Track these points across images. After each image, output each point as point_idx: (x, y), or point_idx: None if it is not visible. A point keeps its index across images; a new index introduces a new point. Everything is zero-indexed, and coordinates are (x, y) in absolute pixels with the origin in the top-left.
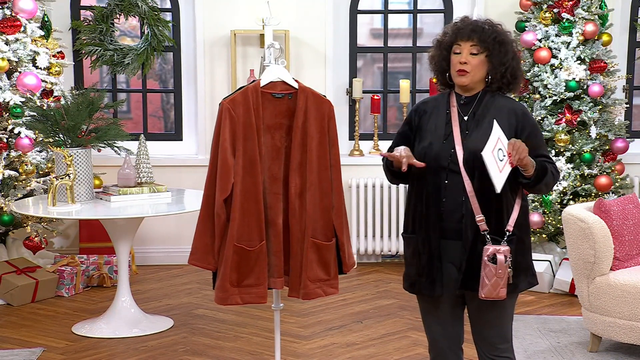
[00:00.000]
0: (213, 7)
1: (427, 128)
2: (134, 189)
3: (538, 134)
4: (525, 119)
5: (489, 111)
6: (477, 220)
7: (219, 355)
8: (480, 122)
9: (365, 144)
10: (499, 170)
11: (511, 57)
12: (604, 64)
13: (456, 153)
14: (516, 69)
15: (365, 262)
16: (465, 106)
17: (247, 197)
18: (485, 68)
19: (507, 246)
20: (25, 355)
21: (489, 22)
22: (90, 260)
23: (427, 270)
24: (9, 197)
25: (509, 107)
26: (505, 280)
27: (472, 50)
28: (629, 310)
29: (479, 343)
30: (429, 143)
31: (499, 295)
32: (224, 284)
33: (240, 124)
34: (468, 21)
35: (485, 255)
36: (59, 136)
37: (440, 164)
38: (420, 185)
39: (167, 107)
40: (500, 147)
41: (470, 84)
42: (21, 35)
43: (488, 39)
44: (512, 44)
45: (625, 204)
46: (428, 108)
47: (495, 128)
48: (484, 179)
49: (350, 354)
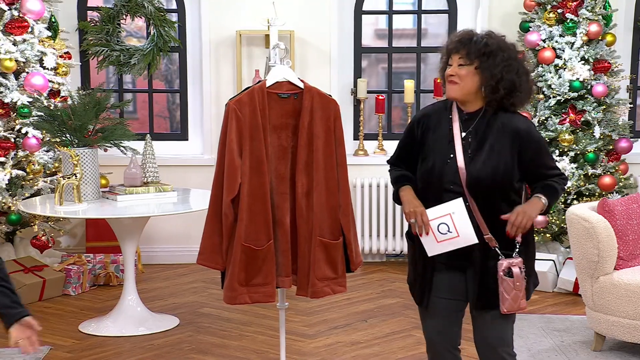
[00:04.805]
0: (218, 8)
1: (430, 146)
2: (140, 188)
3: (542, 149)
4: (529, 138)
5: (491, 131)
6: (485, 238)
7: (224, 353)
8: (483, 144)
9: (369, 144)
10: (436, 240)
11: (502, 69)
12: (608, 64)
13: (459, 175)
14: (513, 82)
15: (369, 261)
16: (466, 122)
17: (254, 197)
18: (477, 80)
19: (519, 257)
20: (32, 354)
21: (486, 34)
22: (96, 259)
23: (420, 280)
24: (16, 197)
25: (512, 126)
26: (524, 291)
27: (460, 62)
28: (633, 310)
29: (480, 346)
30: (432, 164)
31: (520, 307)
32: (233, 284)
33: (247, 124)
34: (460, 33)
35: (501, 270)
36: (66, 136)
37: (444, 186)
38: (424, 202)
39: (172, 107)
40: (446, 223)
41: (460, 96)
42: (29, 36)
43: (475, 50)
44: (503, 54)
45: (629, 204)
46: (431, 123)
47: (452, 204)
48: (489, 198)
49: (354, 353)
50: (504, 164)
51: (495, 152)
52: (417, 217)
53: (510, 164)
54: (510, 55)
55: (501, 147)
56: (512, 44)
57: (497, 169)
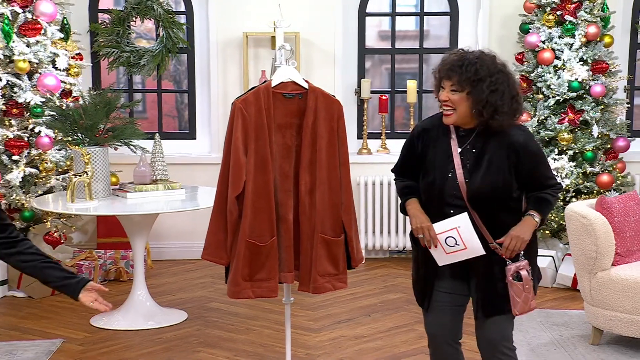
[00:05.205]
0: (226, 10)
1: (430, 161)
2: (149, 186)
3: (539, 161)
4: (525, 151)
5: (488, 146)
6: (491, 247)
7: (231, 347)
8: (481, 160)
9: (373, 143)
10: (445, 252)
11: (488, 94)
12: (606, 65)
13: (460, 189)
14: (495, 107)
15: (373, 257)
16: (464, 138)
17: (258, 194)
18: (469, 104)
19: (525, 259)
20: (45, 346)
21: (477, 58)
22: (107, 254)
23: (422, 283)
24: (29, 194)
25: (508, 140)
26: (532, 292)
27: (452, 88)
28: (630, 305)
29: (481, 341)
30: (432, 179)
31: (530, 308)
32: (236, 279)
33: (252, 123)
34: (451, 59)
35: (510, 275)
36: (78, 135)
37: (446, 199)
38: (427, 214)
39: (181, 107)
40: (453, 236)
41: (456, 123)
42: (42, 38)
43: (465, 78)
44: (490, 79)
45: (626, 201)
46: (430, 139)
47: (458, 219)
48: (490, 209)
49: (358, 347)
50: (503, 178)
51: (493, 166)
52: (424, 232)
53: (508, 178)
54: (497, 79)
55: (499, 162)
56: (501, 65)
57: (496, 183)
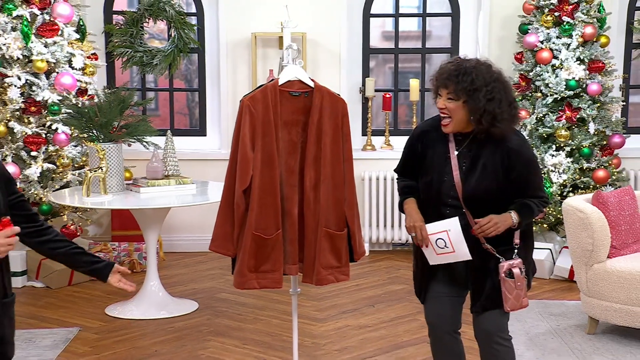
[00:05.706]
0: (235, 11)
1: (429, 162)
2: (161, 181)
3: (531, 168)
4: (518, 158)
5: (483, 150)
6: (484, 247)
7: (240, 336)
8: (476, 163)
9: (377, 139)
10: (435, 252)
11: (485, 103)
12: (602, 64)
13: (456, 190)
14: (494, 115)
15: (377, 249)
16: (461, 141)
17: (265, 188)
18: (466, 112)
19: (519, 258)
20: (63, 334)
21: (473, 67)
22: (121, 247)
23: (419, 277)
24: (47, 188)
25: (503, 146)
26: (525, 289)
27: (449, 96)
28: (625, 295)
29: (477, 332)
30: (430, 179)
31: (522, 305)
32: (242, 270)
33: (260, 120)
34: (448, 68)
35: (502, 272)
36: (93, 132)
37: (443, 199)
38: (425, 213)
39: (192, 104)
40: (443, 239)
41: (454, 130)
42: (59, 39)
43: (461, 88)
44: (487, 88)
45: (621, 196)
46: (430, 141)
47: (449, 222)
48: (485, 210)
49: (362, 336)
50: (497, 182)
51: (488, 170)
52: (416, 231)
53: (502, 182)
54: (494, 87)
55: (493, 166)
56: (497, 73)
57: (490, 186)
